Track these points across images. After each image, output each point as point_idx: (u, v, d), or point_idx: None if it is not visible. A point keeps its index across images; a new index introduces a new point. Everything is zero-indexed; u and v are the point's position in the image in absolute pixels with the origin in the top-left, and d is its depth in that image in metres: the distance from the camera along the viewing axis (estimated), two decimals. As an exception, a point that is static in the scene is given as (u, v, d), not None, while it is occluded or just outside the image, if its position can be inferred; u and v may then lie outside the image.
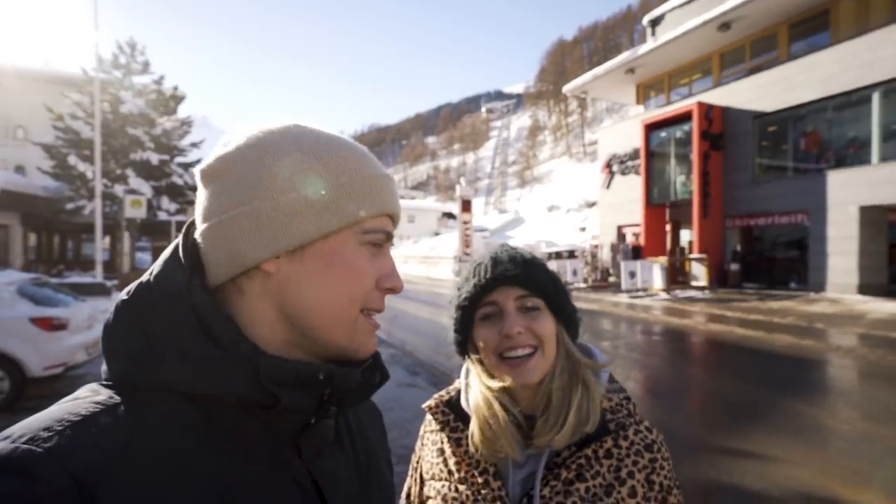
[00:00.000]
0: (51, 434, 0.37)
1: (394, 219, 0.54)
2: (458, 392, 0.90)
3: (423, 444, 0.92)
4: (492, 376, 0.83)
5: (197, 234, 0.50)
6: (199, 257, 0.50)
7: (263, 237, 0.47)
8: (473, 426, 0.83)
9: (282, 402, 0.44)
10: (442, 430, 0.87)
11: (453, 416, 0.87)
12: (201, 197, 0.50)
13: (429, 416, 0.92)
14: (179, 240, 0.51)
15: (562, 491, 0.77)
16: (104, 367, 0.46)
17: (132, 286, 0.48)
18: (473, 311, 0.85)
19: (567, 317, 0.85)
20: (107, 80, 19.63)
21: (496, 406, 0.81)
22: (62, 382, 5.32)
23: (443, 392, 0.93)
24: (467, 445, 0.83)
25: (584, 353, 0.87)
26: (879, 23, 13.52)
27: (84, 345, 5.55)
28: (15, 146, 24.12)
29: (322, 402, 0.48)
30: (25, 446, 0.36)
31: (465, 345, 0.88)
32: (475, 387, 0.85)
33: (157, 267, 0.49)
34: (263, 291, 0.48)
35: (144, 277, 0.48)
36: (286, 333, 0.49)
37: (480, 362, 0.85)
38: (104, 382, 0.45)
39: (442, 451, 0.86)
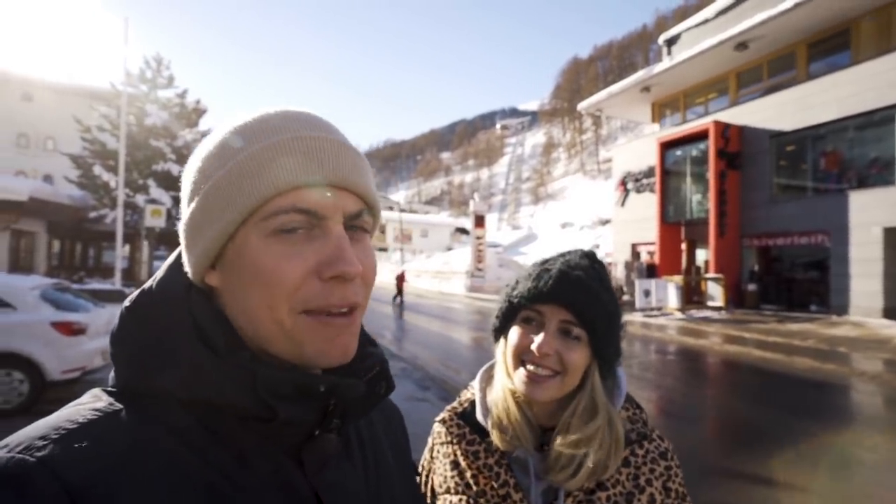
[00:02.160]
0: (46, 443, 0.37)
1: (331, 187, 0.43)
2: (472, 403, 0.89)
3: (433, 458, 0.90)
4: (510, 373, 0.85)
5: None
6: None
7: (194, 247, 0.45)
8: (492, 416, 0.84)
9: (279, 415, 0.42)
10: (457, 443, 0.86)
11: (469, 428, 0.86)
12: None
13: (439, 428, 0.90)
14: (183, 246, 0.49)
15: (584, 500, 0.77)
16: (111, 374, 0.46)
17: (135, 293, 0.47)
18: (519, 309, 0.84)
19: (604, 356, 0.83)
20: (133, 93, 20.30)
21: (511, 401, 0.83)
22: (79, 387, 5.40)
23: (455, 404, 0.92)
24: (485, 458, 0.82)
25: (613, 382, 0.86)
26: (901, 43, 13.37)
27: (102, 350, 5.65)
28: (44, 156, 25.02)
29: (326, 413, 0.46)
30: (19, 456, 0.35)
31: (502, 333, 0.88)
32: (500, 374, 0.86)
33: (160, 273, 0.48)
34: (222, 303, 0.46)
35: (147, 284, 0.48)
36: (257, 344, 0.45)
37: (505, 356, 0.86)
38: (108, 389, 0.44)
39: (457, 464, 0.84)
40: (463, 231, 53.77)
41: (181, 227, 0.47)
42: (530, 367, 0.80)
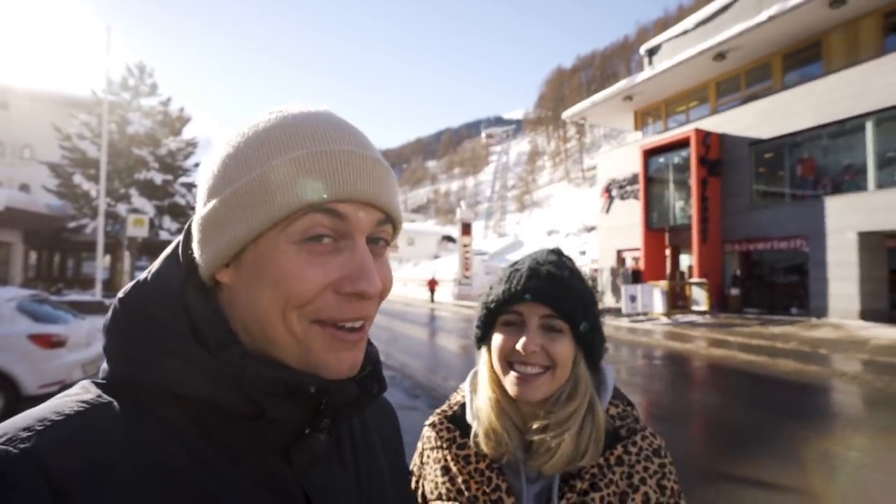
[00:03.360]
0: (30, 434, 0.36)
1: (359, 203, 0.43)
2: (462, 406, 0.88)
3: (423, 463, 0.88)
4: (498, 379, 0.83)
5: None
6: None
7: (208, 245, 0.44)
8: (478, 425, 0.82)
9: (267, 412, 0.42)
10: (448, 447, 0.85)
11: (459, 432, 0.85)
12: None
13: (428, 433, 0.89)
14: (180, 239, 0.49)
15: (578, 502, 0.76)
16: (103, 366, 0.45)
17: (129, 285, 0.46)
18: (498, 314, 0.84)
19: (589, 344, 0.83)
20: (115, 101, 20.00)
21: (495, 409, 0.82)
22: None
23: (444, 407, 0.90)
24: (476, 463, 0.81)
25: (599, 378, 0.85)
26: (870, 54, 13.89)
27: (81, 363, 5.49)
28: (21, 165, 24.41)
29: (317, 413, 0.45)
30: (2, 447, 0.35)
31: (484, 341, 0.87)
32: (483, 382, 0.86)
33: (156, 265, 0.48)
34: (227, 300, 0.46)
35: (142, 276, 0.47)
36: (258, 344, 0.45)
37: (492, 363, 0.85)
38: (97, 381, 0.43)
39: (447, 470, 0.83)
40: (449, 239, 53.87)
41: (196, 221, 0.46)
42: (519, 367, 0.79)
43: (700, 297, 16.33)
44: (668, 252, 19.48)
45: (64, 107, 22.14)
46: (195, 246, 0.46)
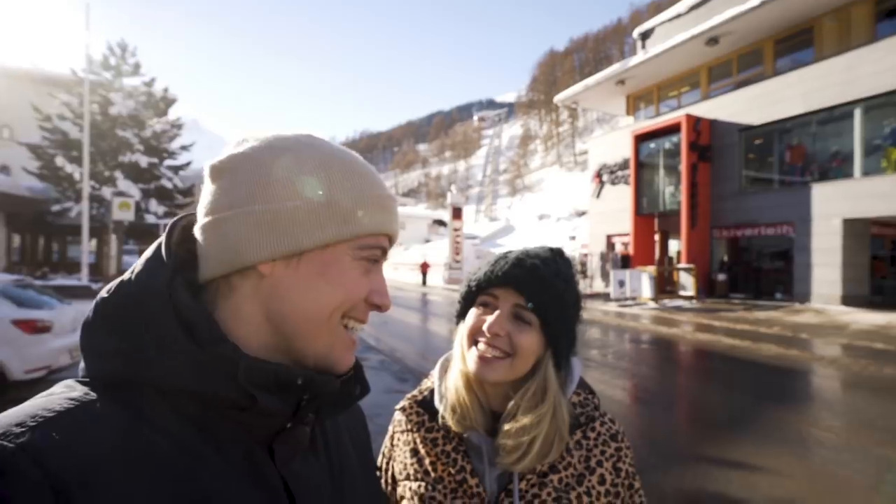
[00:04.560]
0: (23, 430, 0.37)
1: (392, 239, 0.56)
2: (431, 392, 0.90)
3: (393, 445, 0.91)
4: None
5: (197, 227, 0.51)
6: (186, 254, 0.51)
7: (265, 239, 0.48)
8: (446, 397, 0.86)
9: (258, 403, 0.44)
10: (416, 430, 0.88)
11: (427, 416, 0.88)
12: (208, 191, 0.51)
13: (399, 417, 0.92)
14: (163, 238, 0.51)
15: (537, 483, 0.80)
16: (81, 365, 0.46)
17: (113, 283, 0.48)
18: (477, 294, 0.87)
19: (558, 345, 0.84)
20: (96, 81, 19.46)
21: (464, 383, 0.85)
22: (44, 386, 5.19)
23: (415, 392, 0.93)
24: (443, 445, 0.84)
25: (566, 374, 0.87)
26: (860, 41, 13.92)
27: (68, 348, 5.46)
28: (0, 146, 23.76)
29: (299, 406, 0.48)
30: None
31: (462, 317, 0.90)
32: (457, 356, 0.89)
33: (138, 265, 0.49)
34: (254, 292, 0.49)
35: (126, 275, 0.48)
36: (270, 337, 0.49)
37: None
38: (80, 379, 0.44)
39: (416, 451, 0.86)
40: (440, 223, 53.75)
41: (236, 213, 0.48)
42: (482, 346, 0.82)
43: (688, 282, 16.56)
44: (657, 237, 19.66)
45: (43, 86, 21.48)
46: (237, 231, 0.48)
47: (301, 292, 0.49)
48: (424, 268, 27.96)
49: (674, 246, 19.47)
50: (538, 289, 0.82)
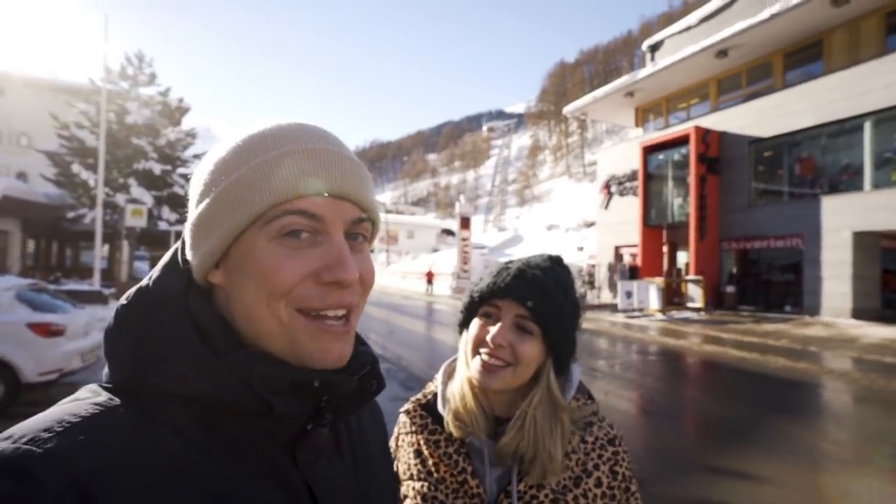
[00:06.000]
0: (51, 435, 0.37)
1: (337, 196, 0.46)
2: (434, 395, 0.93)
3: (398, 446, 0.94)
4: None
5: None
6: None
7: (199, 249, 0.47)
8: (450, 404, 0.89)
9: (274, 409, 0.44)
10: (420, 432, 0.90)
11: (431, 419, 0.90)
12: None
13: (403, 419, 0.94)
14: (179, 245, 0.51)
15: (535, 485, 0.82)
16: (105, 371, 0.46)
17: (132, 291, 0.48)
18: (480, 304, 0.90)
19: (558, 352, 0.87)
20: (114, 90, 19.91)
21: (468, 390, 0.88)
22: (56, 389, 5.32)
23: (419, 395, 0.96)
24: (445, 447, 0.87)
25: (566, 380, 0.90)
26: (870, 54, 13.87)
27: (80, 352, 5.55)
28: (18, 153, 24.36)
29: (319, 409, 0.47)
30: (26, 447, 0.36)
31: (465, 326, 0.94)
32: (461, 364, 0.92)
33: (156, 272, 0.49)
34: (222, 302, 0.48)
35: (144, 282, 0.48)
36: (253, 341, 0.47)
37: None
38: (104, 385, 0.45)
39: (419, 453, 0.89)
40: (449, 232, 53.83)
41: (188, 228, 0.48)
42: (485, 356, 0.85)
43: (696, 294, 16.43)
44: (665, 249, 19.54)
45: (61, 95, 22.04)
46: (188, 251, 0.48)
47: (236, 295, 0.46)
48: (430, 276, 28.48)
49: (682, 257, 19.33)
50: (539, 299, 0.85)
